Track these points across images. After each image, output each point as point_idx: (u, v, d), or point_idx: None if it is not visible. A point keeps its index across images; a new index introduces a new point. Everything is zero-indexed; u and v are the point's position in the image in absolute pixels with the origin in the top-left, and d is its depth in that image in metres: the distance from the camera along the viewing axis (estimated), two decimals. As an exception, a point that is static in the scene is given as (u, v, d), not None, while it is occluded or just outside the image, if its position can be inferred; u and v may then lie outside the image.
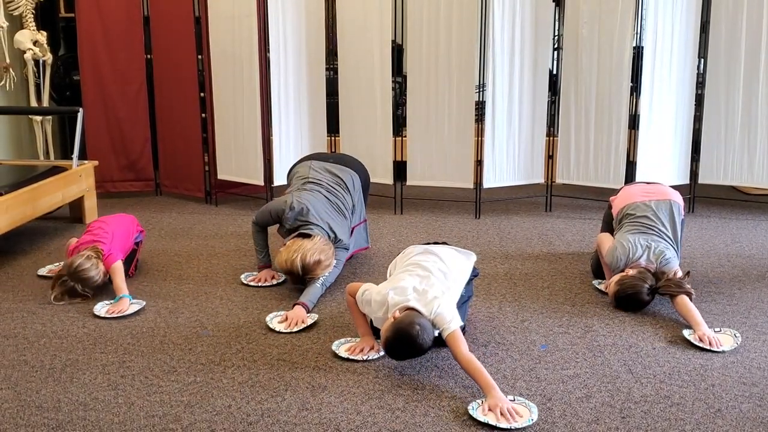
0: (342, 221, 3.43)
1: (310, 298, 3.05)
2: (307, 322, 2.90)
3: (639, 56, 4.44)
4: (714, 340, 2.69)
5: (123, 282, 3.17)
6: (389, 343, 2.41)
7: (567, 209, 4.75)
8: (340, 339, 2.74)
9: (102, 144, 5.05)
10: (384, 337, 2.43)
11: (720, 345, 2.67)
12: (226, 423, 2.20)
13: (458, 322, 2.45)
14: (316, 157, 3.71)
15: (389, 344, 2.41)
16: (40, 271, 3.54)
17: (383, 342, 2.44)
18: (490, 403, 2.26)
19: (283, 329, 2.84)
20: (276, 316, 2.96)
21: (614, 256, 3.10)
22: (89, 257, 3.18)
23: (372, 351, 2.62)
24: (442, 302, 2.48)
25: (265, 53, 4.56)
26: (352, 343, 2.68)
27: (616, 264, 3.10)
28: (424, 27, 4.47)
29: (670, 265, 3.06)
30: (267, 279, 3.39)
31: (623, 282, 3.01)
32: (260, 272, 3.43)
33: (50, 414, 2.25)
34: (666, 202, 3.27)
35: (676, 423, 2.19)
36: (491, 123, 4.50)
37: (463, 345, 2.40)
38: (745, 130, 4.44)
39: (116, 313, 3.01)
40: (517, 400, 2.31)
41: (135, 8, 4.94)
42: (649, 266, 3.06)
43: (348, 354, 2.61)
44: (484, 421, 2.19)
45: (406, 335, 2.38)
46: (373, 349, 2.63)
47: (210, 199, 4.98)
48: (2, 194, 3.66)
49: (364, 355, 2.60)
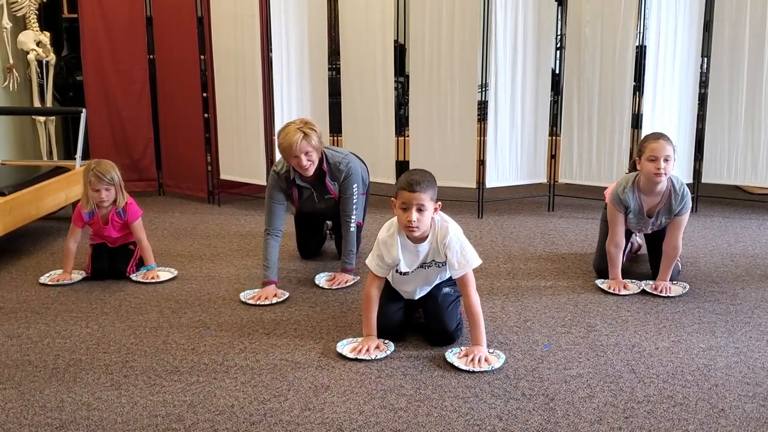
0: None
1: (350, 258, 3.42)
2: (349, 282, 3.34)
3: (642, 55, 4.44)
4: (665, 288, 3.07)
5: (148, 250, 3.51)
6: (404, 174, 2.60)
7: (570, 209, 4.74)
8: (343, 339, 2.74)
9: (105, 144, 5.06)
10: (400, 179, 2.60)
11: (669, 291, 3.07)
12: (229, 423, 2.20)
13: (477, 260, 2.64)
14: None
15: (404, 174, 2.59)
16: (42, 279, 3.47)
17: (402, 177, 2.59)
18: (467, 350, 2.56)
19: (327, 286, 3.31)
20: (323, 276, 3.43)
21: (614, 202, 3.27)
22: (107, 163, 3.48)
23: (377, 350, 2.62)
24: (457, 229, 2.65)
25: (267, 53, 4.56)
26: (355, 343, 2.68)
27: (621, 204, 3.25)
28: (427, 27, 4.47)
29: (683, 206, 3.20)
30: (269, 297, 3.15)
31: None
32: (263, 288, 3.20)
33: (54, 413, 2.26)
34: None
35: (680, 423, 2.18)
36: (494, 122, 4.50)
37: (474, 287, 2.61)
38: (749, 130, 4.43)
39: (152, 279, 3.42)
40: (495, 353, 2.58)
41: (138, 8, 4.94)
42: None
43: (354, 354, 2.61)
44: (450, 362, 2.51)
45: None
46: (379, 348, 2.63)
47: (213, 199, 4.98)
48: (6, 194, 3.66)
49: (371, 354, 2.60)
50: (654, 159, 3.11)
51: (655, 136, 3.21)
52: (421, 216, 2.54)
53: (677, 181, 3.22)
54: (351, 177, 3.41)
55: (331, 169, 3.39)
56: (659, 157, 3.10)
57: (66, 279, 3.43)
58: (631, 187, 3.23)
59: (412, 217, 2.52)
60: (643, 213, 3.25)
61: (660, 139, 3.15)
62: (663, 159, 3.10)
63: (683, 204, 3.18)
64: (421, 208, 2.53)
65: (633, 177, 3.26)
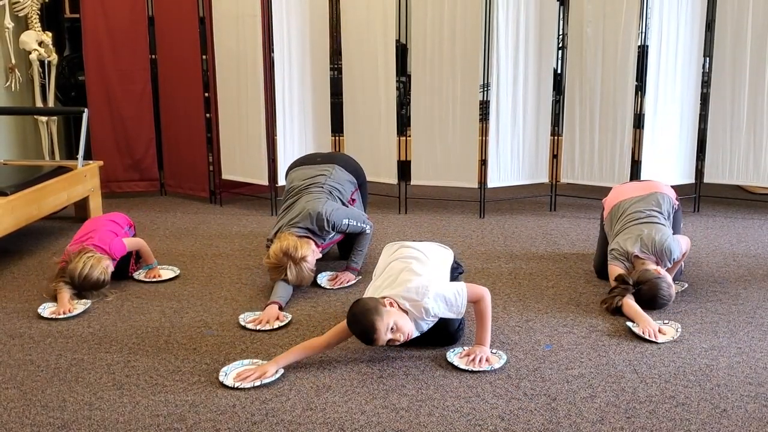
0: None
1: (358, 258, 3.44)
2: (351, 281, 3.36)
3: (644, 55, 4.43)
4: (653, 333, 2.75)
5: (148, 252, 3.49)
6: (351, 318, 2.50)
7: (571, 209, 4.74)
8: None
9: (107, 144, 5.06)
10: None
11: (656, 337, 2.74)
12: (231, 423, 2.20)
13: (463, 289, 2.54)
14: (304, 161, 3.79)
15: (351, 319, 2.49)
16: (41, 311, 3.04)
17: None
18: (469, 350, 2.56)
19: (328, 286, 3.33)
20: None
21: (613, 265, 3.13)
22: (84, 258, 3.15)
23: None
24: (430, 287, 2.51)
25: (269, 53, 4.56)
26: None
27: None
28: (428, 26, 4.47)
29: (666, 245, 3.06)
30: (270, 320, 2.90)
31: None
32: (266, 310, 2.98)
33: (55, 413, 2.26)
34: (652, 195, 3.33)
35: (682, 423, 2.18)
36: (495, 122, 4.50)
37: (481, 294, 2.57)
38: (751, 129, 4.43)
39: (155, 277, 3.42)
40: (496, 353, 2.59)
41: (140, 8, 4.94)
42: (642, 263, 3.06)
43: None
44: (451, 362, 2.52)
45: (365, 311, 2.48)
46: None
47: (214, 199, 4.98)
48: (8, 194, 3.67)
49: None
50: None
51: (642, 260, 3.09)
52: (399, 327, 2.43)
53: (671, 254, 3.10)
54: (337, 221, 3.33)
55: (322, 237, 3.36)
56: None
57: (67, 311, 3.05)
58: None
59: (397, 340, 2.44)
60: None
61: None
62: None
63: (671, 257, 3.11)
64: (392, 331, 2.42)
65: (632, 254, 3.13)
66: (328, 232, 3.37)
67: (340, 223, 3.36)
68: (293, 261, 3.11)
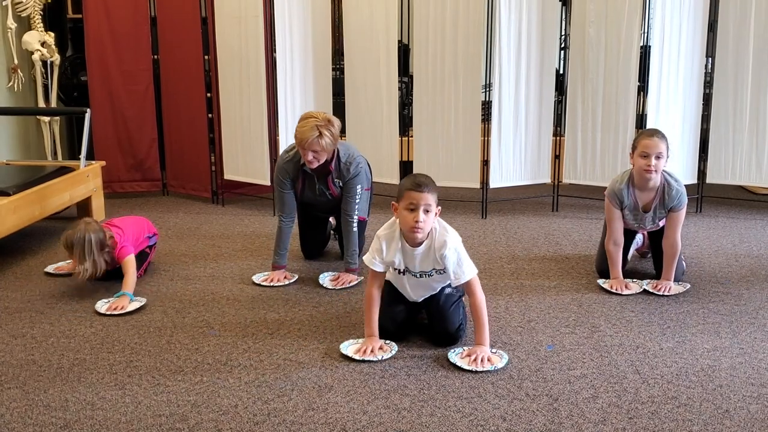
0: None
1: (353, 258, 3.43)
2: (353, 282, 3.37)
3: (646, 55, 4.43)
4: (665, 287, 3.09)
5: (133, 279, 3.20)
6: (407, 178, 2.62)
7: (573, 209, 4.74)
8: (346, 341, 2.73)
9: (109, 144, 5.07)
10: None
11: (669, 291, 3.09)
12: (233, 423, 2.20)
13: (472, 272, 2.61)
14: None
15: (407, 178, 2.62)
16: (48, 268, 3.55)
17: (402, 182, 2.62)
18: (470, 350, 2.57)
19: (330, 286, 3.34)
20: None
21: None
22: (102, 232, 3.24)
23: (381, 351, 2.62)
24: (457, 239, 2.62)
25: (271, 53, 4.57)
26: (357, 345, 2.68)
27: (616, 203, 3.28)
28: (431, 27, 4.47)
29: (678, 202, 3.20)
30: (279, 279, 3.41)
31: None
32: (273, 272, 3.45)
33: (58, 413, 2.26)
34: None
35: (684, 424, 2.18)
36: (497, 123, 4.49)
37: (479, 288, 2.61)
38: (754, 130, 4.42)
39: (116, 310, 3.02)
40: (498, 353, 2.58)
41: (142, 9, 4.95)
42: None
43: (360, 356, 2.60)
44: (453, 362, 2.52)
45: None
46: (382, 349, 2.63)
47: (217, 199, 4.99)
48: (10, 194, 3.67)
49: (376, 355, 2.60)
50: (646, 155, 3.13)
51: (650, 132, 3.21)
52: (427, 217, 2.55)
53: (672, 177, 3.23)
54: (357, 177, 3.42)
55: (339, 168, 3.41)
56: (651, 154, 3.12)
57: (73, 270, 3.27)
58: (626, 183, 3.25)
59: (420, 217, 2.53)
60: (639, 208, 3.26)
61: (654, 136, 3.15)
62: (654, 156, 3.11)
63: (678, 200, 3.19)
64: (428, 209, 2.55)
65: (628, 172, 3.28)
66: (339, 180, 3.43)
67: (355, 183, 3.41)
68: (322, 125, 3.20)
